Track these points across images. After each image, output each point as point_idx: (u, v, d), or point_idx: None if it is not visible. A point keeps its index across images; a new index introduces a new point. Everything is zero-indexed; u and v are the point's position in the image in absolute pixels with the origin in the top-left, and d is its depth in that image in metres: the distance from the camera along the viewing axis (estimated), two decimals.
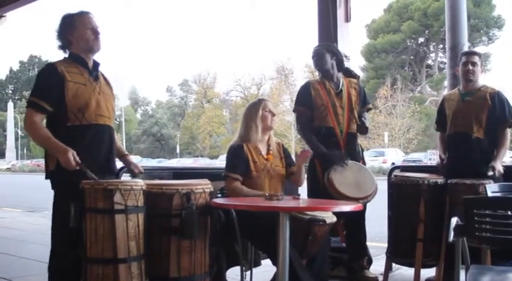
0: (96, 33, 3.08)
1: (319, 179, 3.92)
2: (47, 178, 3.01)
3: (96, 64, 3.14)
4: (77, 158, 2.80)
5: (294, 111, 4.25)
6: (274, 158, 3.54)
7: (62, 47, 3.11)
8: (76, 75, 3.00)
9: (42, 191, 3.07)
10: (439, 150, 4.24)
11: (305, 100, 4.08)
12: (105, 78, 3.22)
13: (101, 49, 3.12)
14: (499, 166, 3.73)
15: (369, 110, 4.29)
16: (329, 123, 3.98)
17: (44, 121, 3.00)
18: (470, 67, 3.94)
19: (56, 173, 2.93)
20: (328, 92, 4.05)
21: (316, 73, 4.45)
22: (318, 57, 4.12)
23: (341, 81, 4.12)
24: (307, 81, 4.31)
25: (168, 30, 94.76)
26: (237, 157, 3.44)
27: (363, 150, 4.20)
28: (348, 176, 3.76)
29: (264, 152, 3.51)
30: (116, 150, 3.23)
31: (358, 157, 4.05)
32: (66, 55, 3.12)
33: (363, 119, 4.05)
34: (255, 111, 3.54)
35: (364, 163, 4.12)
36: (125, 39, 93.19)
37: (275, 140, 3.67)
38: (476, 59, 3.97)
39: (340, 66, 4.17)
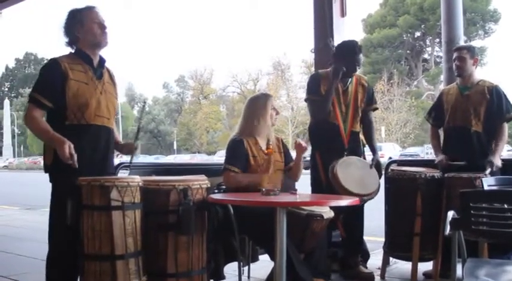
0: (103, 27, 3.05)
1: (320, 173, 3.92)
2: (46, 171, 3.01)
3: (102, 61, 3.11)
4: (72, 151, 2.77)
5: (305, 100, 4.21)
6: (274, 153, 3.53)
7: (69, 43, 3.07)
8: (79, 74, 2.97)
9: (40, 188, 3.06)
10: (433, 145, 4.23)
11: (315, 89, 4.02)
12: (110, 76, 3.19)
13: (108, 44, 3.08)
14: (497, 161, 3.76)
15: (374, 110, 4.24)
16: (334, 119, 3.97)
17: (44, 117, 2.98)
18: (458, 63, 3.97)
19: (51, 167, 2.94)
20: (335, 88, 3.99)
21: (313, 68, 4.42)
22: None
23: (349, 79, 4.05)
24: (316, 72, 4.28)
25: (163, 26, 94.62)
26: (238, 151, 3.43)
27: (364, 146, 4.20)
28: (353, 172, 3.75)
29: (264, 147, 3.50)
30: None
31: (360, 154, 4.05)
32: (73, 50, 3.07)
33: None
34: (264, 108, 3.52)
35: (364, 159, 4.12)
36: (121, 36, 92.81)
37: (274, 135, 3.66)
38: (463, 53, 3.97)
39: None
